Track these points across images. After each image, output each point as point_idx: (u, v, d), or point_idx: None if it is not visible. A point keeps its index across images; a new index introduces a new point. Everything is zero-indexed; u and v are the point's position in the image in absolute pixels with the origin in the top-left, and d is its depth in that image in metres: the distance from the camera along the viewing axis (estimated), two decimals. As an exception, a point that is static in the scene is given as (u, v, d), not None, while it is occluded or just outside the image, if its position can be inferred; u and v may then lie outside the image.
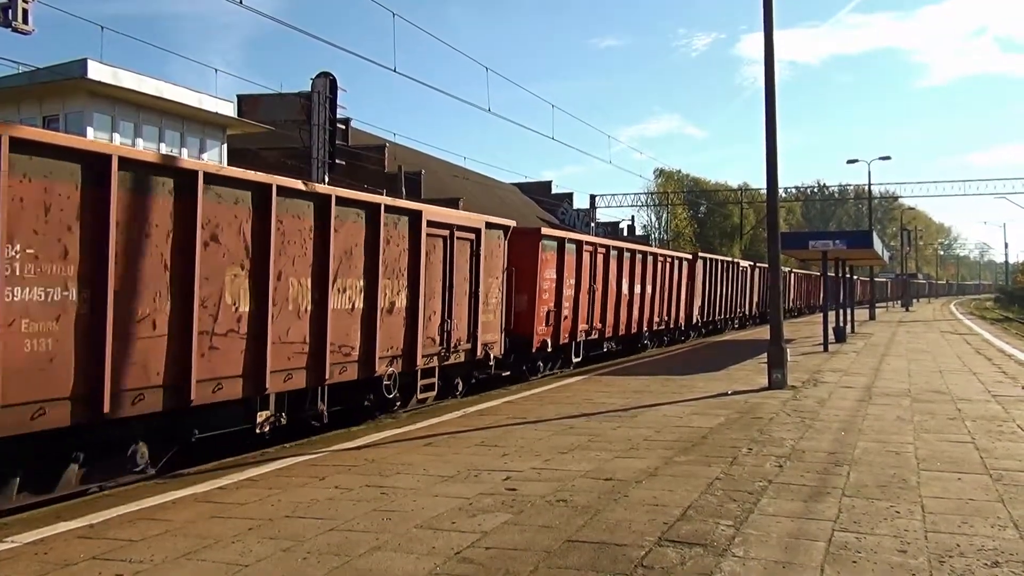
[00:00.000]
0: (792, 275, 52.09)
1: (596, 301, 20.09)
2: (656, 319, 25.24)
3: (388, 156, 42.18)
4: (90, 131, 26.29)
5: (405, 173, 38.55)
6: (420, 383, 12.64)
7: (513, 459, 8.39)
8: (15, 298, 6.83)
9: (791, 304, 46.57)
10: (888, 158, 50.80)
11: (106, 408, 7.48)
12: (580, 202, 66.82)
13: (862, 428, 10.11)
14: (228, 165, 32.01)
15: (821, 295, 54.34)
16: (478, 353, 14.17)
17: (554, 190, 67.41)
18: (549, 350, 17.64)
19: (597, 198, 65.92)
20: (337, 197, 10.48)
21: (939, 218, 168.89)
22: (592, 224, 60.18)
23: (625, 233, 65.51)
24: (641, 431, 9.97)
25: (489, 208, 41.27)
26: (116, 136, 27.48)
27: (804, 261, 46.08)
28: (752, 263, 39.98)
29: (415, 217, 12.26)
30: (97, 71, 26.61)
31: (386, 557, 5.35)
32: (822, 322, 24.59)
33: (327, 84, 27.69)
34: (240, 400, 9.22)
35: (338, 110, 28.13)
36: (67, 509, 6.82)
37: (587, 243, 19.92)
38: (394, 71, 18.01)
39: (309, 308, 9.98)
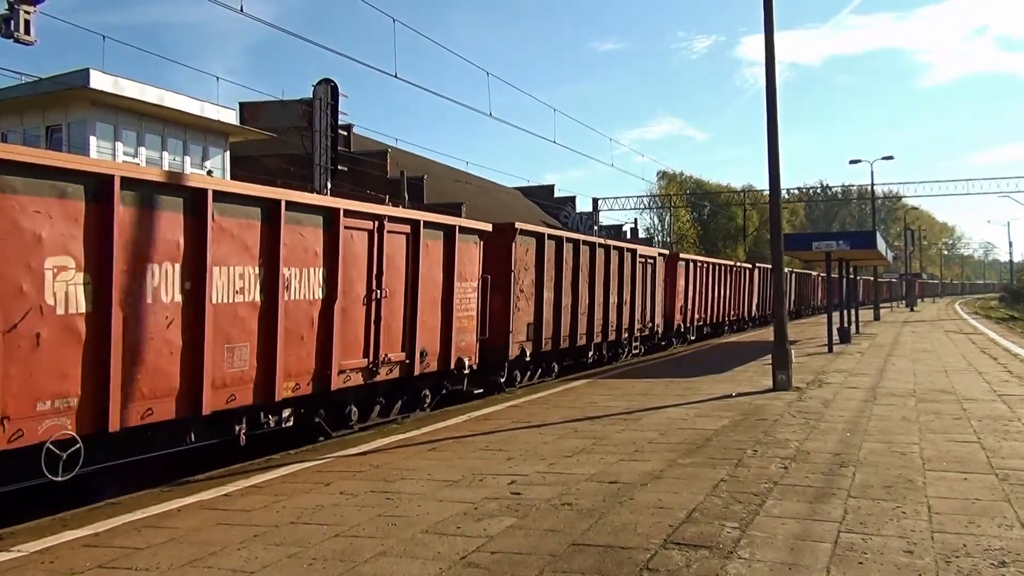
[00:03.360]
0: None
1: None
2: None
3: (390, 161, 42.24)
4: (93, 140, 26.38)
5: (407, 178, 38.57)
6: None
7: (518, 463, 8.39)
8: None
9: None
10: (891, 158, 50.80)
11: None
12: (583, 205, 66.91)
13: (867, 429, 10.09)
14: (231, 172, 32.09)
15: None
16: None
17: (557, 194, 67.40)
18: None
19: (600, 201, 66.01)
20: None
21: (943, 218, 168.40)
22: (595, 227, 60.16)
23: (628, 236, 65.49)
24: (646, 434, 9.97)
25: (491, 212, 41.31)
26: (119, 145, 27.56)
27: (808, 262, 45.94)
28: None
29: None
30: (99, 81, 26.71)
31: (391, 563, 5.35)
32: (826, 323, 24.54)
33: (328, 90, 27.70)
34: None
35: (340, 116, 28.12)
36: (73, 517, 6.84)
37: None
38: (395, 77, 18.09)
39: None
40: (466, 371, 13.47)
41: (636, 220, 75.46)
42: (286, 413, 10.07)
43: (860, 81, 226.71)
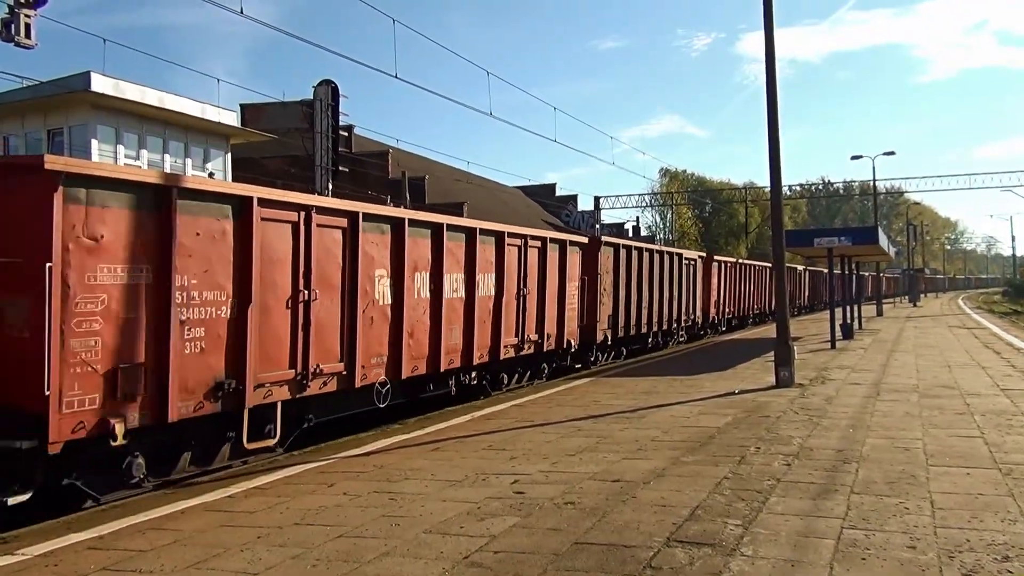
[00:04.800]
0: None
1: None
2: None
3: (391, 162, 42.26)
4: (94, 143, 26.42)
5: (409, 179, 38.59)
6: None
7: (521, 462, 8.39)
8: None
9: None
10: (892, 153, 51.31)
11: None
12: (585, 204, 66.88)
13: (870, 425, 10.08)
14: (232, 174, 32.11)
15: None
16: None
17: (558, 192, 67.41)
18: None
19: (602, 199, 66.00)
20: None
21: (945, 212, 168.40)
22: (597, 225, 60.14)
23: (630, 234, 65.47)
24: (648, 432, 9.97)
25: (493, 212, 41.30)
26: (120, 148, 27.59)
27: (810, 258, 45.91)
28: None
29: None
30: (100, 84, 26.74)
31: (395, 563, 5.35)
32: (829, 319, 24.53)
33: (329, 92, 27.74)
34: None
35: (340, 117, 28.17)
36: (77, 520, 6.85)
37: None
38: (395, 77, 18.08)
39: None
40: (572, 350, 17.56)
41: (638, 218, 75.34)
42: (474, 375, 14.13)
43: (860, 77, 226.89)
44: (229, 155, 32.82)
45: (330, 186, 26.62)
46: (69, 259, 7.21)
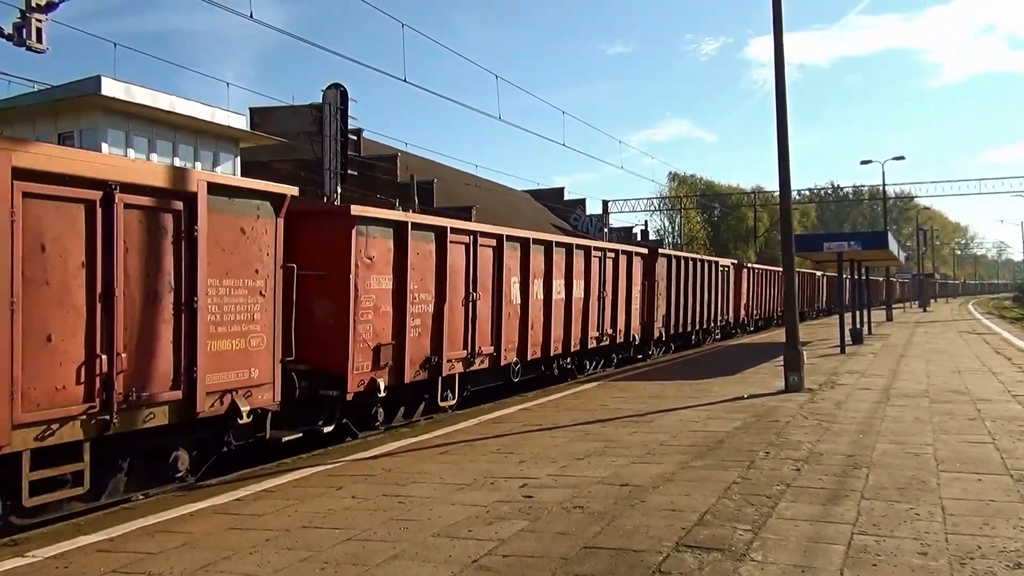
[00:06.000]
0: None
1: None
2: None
3: (400, 165, 42.28)
4: (104, 147, 26.52)
5: (417, 182, 38.63)
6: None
7: (529, 466, 8.38)
8: None
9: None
10: (902, 158, 50.60)
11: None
12: (593, 208, 66.84)
13: (880, 430, 10.03)
14: (242, 177, 32.17)
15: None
16: None
17: (567, 196, 67.36)
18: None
19: (610, 203, 65.94)
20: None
21: (955, 217, 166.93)
22: (605, 229, 60.10)
23: (639, 238, 65.39)
24: (657, 436, 9.94)
25: (502, 215, 41.31)
26: (130, 151, 27.70)
27: (820, 263, 45.80)
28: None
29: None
30: (111, 88, 26.84)
31: (403, 566, 5.35)
32: (838, 324, 24.44)
33: (338, 95, 27.80)
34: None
35: (349, 121, 28.23)
36: (87, 523, 6.87)
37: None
38: (404, 81, 18.10)
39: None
40: (635, 343, 21.23)
41: (646, 222, 75.39)
42: (568, 360, 17.43)
43: (869, 81, 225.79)
44: (238, 159, 32.90)
45: (339, 190, 26.68)
46: (358, 273, 10.79)
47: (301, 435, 10.05)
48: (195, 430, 8.53)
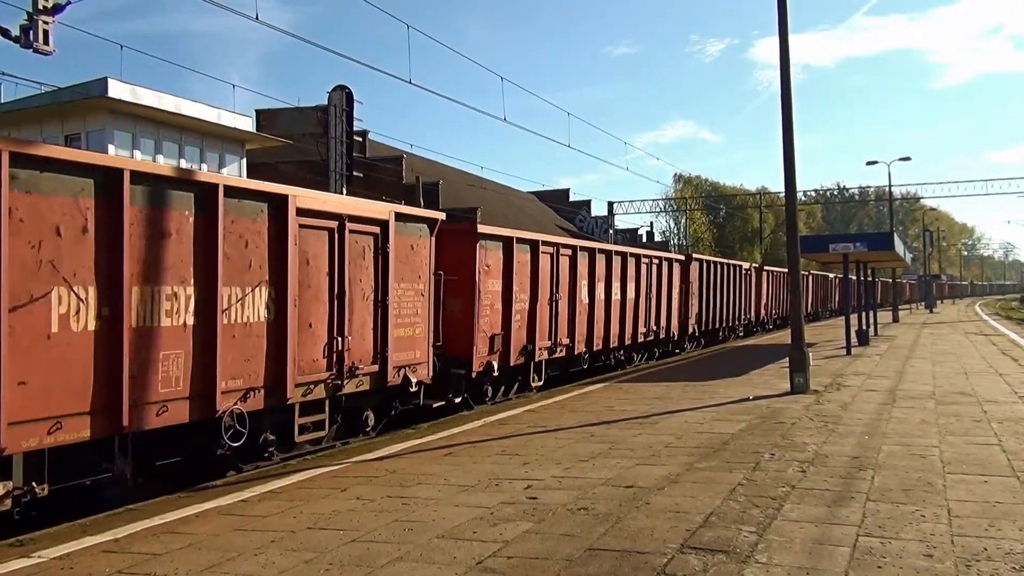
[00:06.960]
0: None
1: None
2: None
3: (406, 167, 42.28)
4: (111, 148, 26.60)
5: (423, 183, 38.66)
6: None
7: (534, 468, 8.38)
8: None
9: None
10: (908, 159, 50.38)
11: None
12: (598, 209, 66.70)
13: (886, 432, 10.01)
14: (248, 178, 32.23)
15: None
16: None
17: (572, 198, 67.22)
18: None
19: (615, 205, 65.85)
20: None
21: (962, 218, 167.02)
22: (611, 231, 60.06)
23: (644, 239, 65.30)
24: (662, 437, 9.93)
25: (507, 217, 41.30)
26: (137, 153, 27.77)
27: (826, 264, 45.73)
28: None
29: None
30: (117, 89, 26.92)
31: (408, 567, 5.35)
32: (844, 325, 24.39)
33: (343, 97, 27.91)
34: None
35: (355, 122, 28.33)
36: (93, 523, 6.89)
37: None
38: (409, 82, 18.11)
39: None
40: (674, 339, 24.15)
41: (652, 223, 75.28)
42: (621, 353, 20.40)
43: (874, 82, 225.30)
44: (244, 160, 32.95)
45: (344, 191, 26.72)
46: (480, 277, 13.67)
47: (444, 403, 12.92)
48: (377, 395, 11.15)
